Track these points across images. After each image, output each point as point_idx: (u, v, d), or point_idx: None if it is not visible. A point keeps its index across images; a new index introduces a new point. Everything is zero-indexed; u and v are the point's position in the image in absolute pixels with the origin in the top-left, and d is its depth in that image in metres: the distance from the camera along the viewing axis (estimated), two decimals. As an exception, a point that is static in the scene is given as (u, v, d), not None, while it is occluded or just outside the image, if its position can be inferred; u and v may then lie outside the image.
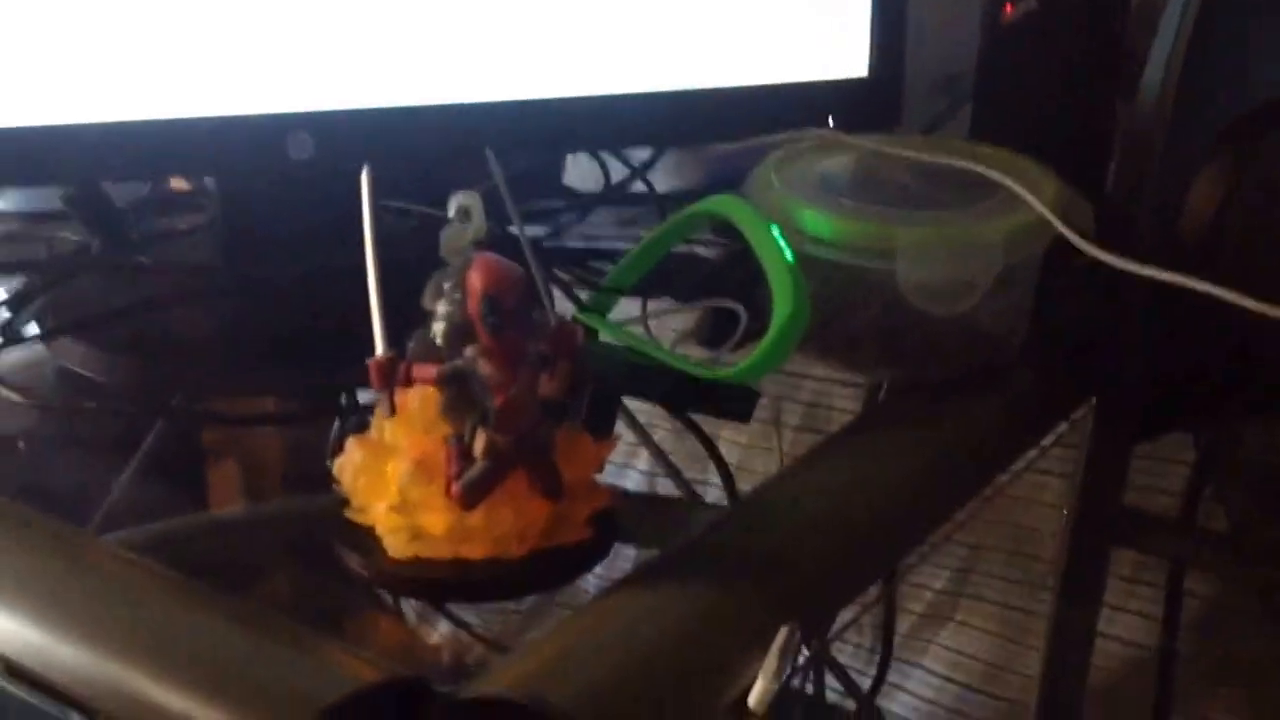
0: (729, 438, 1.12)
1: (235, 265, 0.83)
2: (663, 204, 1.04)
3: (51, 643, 0.49)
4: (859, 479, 0.60)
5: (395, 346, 0.55)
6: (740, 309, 0.75)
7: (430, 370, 0.52)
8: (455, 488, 0.52)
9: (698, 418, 0.78)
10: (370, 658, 0.44)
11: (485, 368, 0.51)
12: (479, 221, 0.53)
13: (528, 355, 0.52)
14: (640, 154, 1.05)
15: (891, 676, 1.11)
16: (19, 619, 0.50)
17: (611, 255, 0.90)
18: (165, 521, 0.67)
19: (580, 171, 1.07)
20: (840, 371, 0.73)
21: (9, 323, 0.80)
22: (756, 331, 0.74)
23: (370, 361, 0.54)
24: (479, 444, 0.52)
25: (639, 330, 0.72)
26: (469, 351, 0.51)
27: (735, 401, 0.70)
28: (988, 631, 1.11)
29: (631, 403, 0.86)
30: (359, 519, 0.55)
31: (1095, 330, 0.75)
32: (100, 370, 0.77)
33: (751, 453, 1.15)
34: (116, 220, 0.90)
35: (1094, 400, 0.79)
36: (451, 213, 0.53)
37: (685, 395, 0.68)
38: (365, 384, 0.55)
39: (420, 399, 0.54)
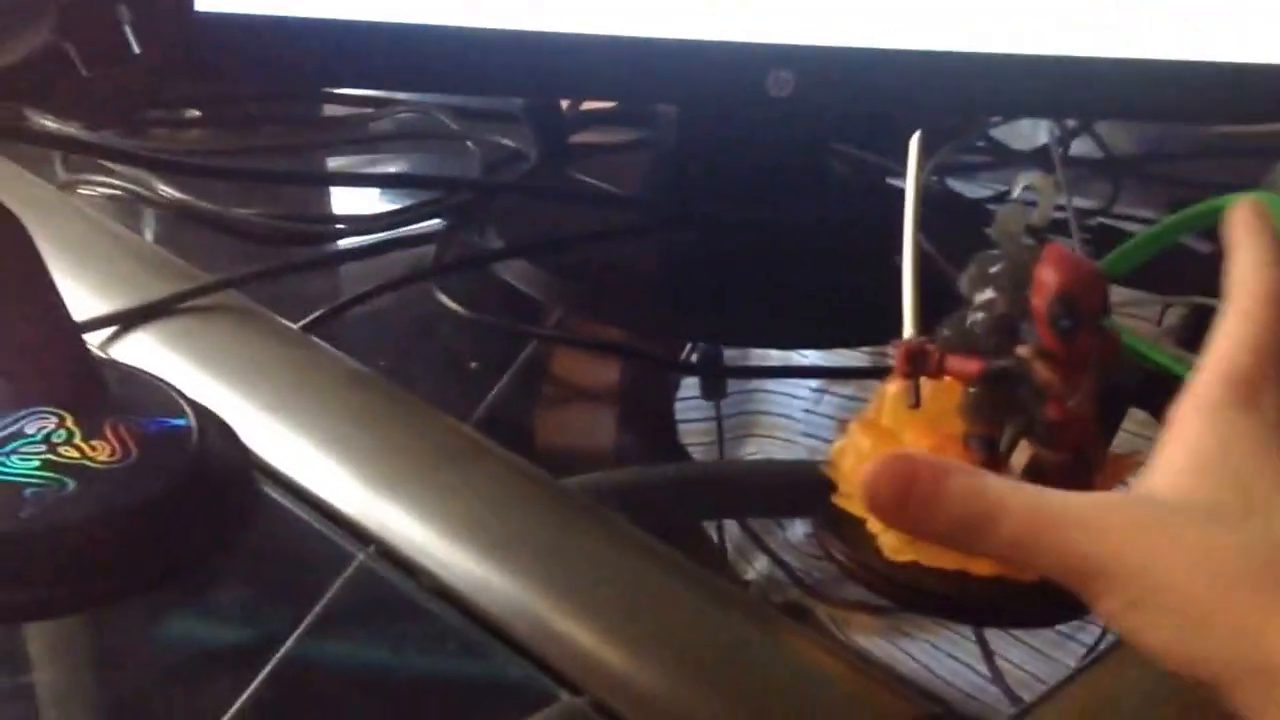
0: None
1: (684, 199, 0.79)
2: (1116, 172, 0.96)
3: (540, 607, 0.46)
4: None
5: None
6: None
7: (970, 364, 0.47)
8: (981, 498, 0.47)
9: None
10: (904, 693, 0.40)
11: (1044, 373, 0.45)
12: (1045, 208, 0.47)
13: (1091, 365, 0.46)
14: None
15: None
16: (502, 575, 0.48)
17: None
18: (629, 470, 0.64)
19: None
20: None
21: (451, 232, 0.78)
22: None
23: (899, 345, 0.49)
24: (1021, 456, 0.46)
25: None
26: (1022, 351, 0.46)
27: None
28: None
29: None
30: (849, 507, 0.50)
31: None
32: (545, 292, 0.74)
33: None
34: (561, 133, 0.87)
35: None
36: (1015, 192, 0.47)
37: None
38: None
39: (934, 389, 0.49)
